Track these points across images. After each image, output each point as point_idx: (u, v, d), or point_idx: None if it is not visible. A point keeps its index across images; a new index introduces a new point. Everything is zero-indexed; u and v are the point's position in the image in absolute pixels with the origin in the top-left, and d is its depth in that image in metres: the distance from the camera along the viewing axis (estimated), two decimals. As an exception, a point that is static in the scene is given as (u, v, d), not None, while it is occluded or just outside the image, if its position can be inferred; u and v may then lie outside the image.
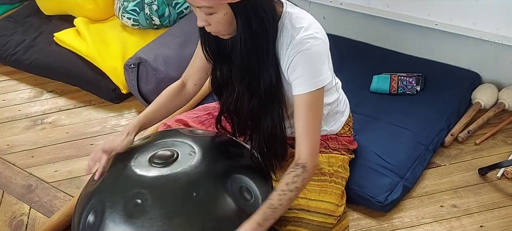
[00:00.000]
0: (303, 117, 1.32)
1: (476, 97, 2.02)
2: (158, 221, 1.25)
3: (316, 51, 1.31)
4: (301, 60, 1.29)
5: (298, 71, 1.30)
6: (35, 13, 2.81)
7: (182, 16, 2.48)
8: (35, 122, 2.21)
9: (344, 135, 1.66)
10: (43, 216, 1.76)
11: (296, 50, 1.29)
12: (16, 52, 2.53)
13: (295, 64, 1.30)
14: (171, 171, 1.33)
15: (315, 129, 1.34)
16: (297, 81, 1.32)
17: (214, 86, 1.49)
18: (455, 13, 2.05)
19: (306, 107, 1.32)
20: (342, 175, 1.58)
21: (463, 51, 2.13)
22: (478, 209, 1.65)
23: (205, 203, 1.28)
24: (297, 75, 1.31)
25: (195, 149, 1.40)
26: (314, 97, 1.32)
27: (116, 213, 1.28)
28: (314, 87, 1.31)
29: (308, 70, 1.30)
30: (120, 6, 2.46)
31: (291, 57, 1.30)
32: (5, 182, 1.91)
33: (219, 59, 1.42)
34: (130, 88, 2.21)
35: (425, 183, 1.75)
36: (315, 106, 1.33)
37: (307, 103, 1.32)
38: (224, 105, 1.49)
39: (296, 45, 1.29)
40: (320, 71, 1.32)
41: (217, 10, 1.23)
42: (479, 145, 1.88)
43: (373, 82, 2.07)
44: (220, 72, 1.44)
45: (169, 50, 2.21)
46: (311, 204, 1.46)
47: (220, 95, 1.50)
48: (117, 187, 1.34)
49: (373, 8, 2.22)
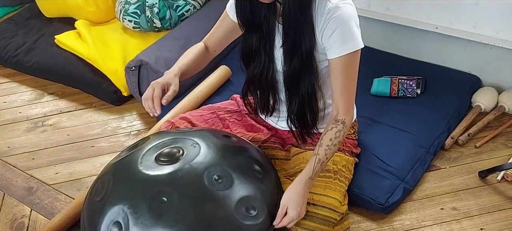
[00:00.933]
0: (341, 78, 1.40)
1: (476, 100, 2.03)
2: (190, 212, 1.28)
3: (350, 16, 1.36)
4: (337, 25, 1.34)
5: (334, 36, 1.35)
6: (36, 15, 2.82)
7: (183, 19, 2.49)
8: (36, 124, 2.22)
9: (349, 137, 1.68)
10: (44, 218, 1.76)
11: (331, 15, 1.34)
12: (17, 55, 2.53)
13: (330, 28, 1.35)
14: (184, 164, 1.36)
15: (352, 89, 1.43)
16: (334, 44, 1.37)
17: (243, 55, 1.54)
18: (455, 17, 2.05)
19: (344, 69, 1.39)
20: (346, 175, 1.59)
21: (463, 55, 2.13)
22: (478, 211, 1.65)
23: (227, 184, 1.34)
24: (334, 40, 1.36)
25: (196, 141, 1.43)
26: (351, 59, 1.38)
27: (143, 217, 1.28)
28: (350, 49, 1.36)
29: (344, 35, 1.35)
30: (121, 8, 2.46)
31: (326, 21, 1.35)
32: (6, 184, 1.91)
33: (252, 28, 1.46)
34: (131, 90, 2.21)
35: (426, 186, 1.75)
36: (352, 67, 1.40)
37: (344, 65, 1.38)
38: (251, 75, 1.54)
39: (332, 10, 1.34)
40: (355, 34, 1.37)
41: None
42: (479, 148, 1.88)
43: (374, 85, 2.08)
44: (251, 42, 1.48)
45: (170, 52, 2.21)
46: (316, 197, 1.49)
47: (248, 65, 1.55)
48: (134, 192, 1.34)
49: (373, 11, 2.22)
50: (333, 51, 1.37)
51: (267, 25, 1.44)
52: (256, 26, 1.45)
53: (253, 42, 1.48)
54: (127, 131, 2.13)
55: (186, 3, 2.48)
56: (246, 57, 1.54)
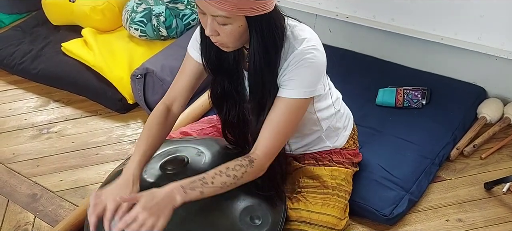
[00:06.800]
0: (278, 117, 1.30)
1: (482, 111, 2.02)
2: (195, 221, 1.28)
3: (317, 63, 1.31)
4: (301, 68, 1.29)
5: (292, 76, 1.29)
6: (43, 23, 2.83)
7: (189, 28, 2.50)
8: (41, 131, 2.22)
9: (349, 148, 1.66)
10: (47, 225, 1.76)
11: (297, 59, 1.29)
12: (23, 62, 2.54)
13: (291, 72, 1.29)
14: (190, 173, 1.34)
15: (283, 135, 1.32)
16: (288, 84, 1.30)
17: (214, 99, 1.46)
18: (460, 28, 2.05)
19: (286, 111, 1.30)
20: (346, 189, 1.57)
21: (468, 66, 2.13)
22: (483, 223, 1.64)
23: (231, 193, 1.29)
24: (290, 79, 1.29)
25: (200, 149, 1.43)
26: (297, 104, 1.31)
27: None
28: (303, 95, 1.30)
29: (303, 78, 1.30)
30: (128, 17, 2.48)
31: (291, 66, 1.30)
32: (10, 191, 1.91)
33: (220, 72, 1.40)
34: (136, 98, 2.22)
35: (431, 197, 1.74)
36: (294, 114, 1.32)
37: (288, 107, 1.30)
38: (226, 118, 1.47)
39: (298, 55, 1.29)
40: (315, 82, 1.32)
41: (233, 21, 1.22)
42: (484, 159, 1.87)
43: (379, 95, 2.08)
44: (221, 86, 1.41)
45: (175, 61, 2.21)
46: (313, 216, 1.46)
47: (221, 109, 1.47)
48: None
49: (379, 22, 2.23)
50: (285, 91, 1.30)
51: (236, 69, 1.37)
52: (224, 70, 1.38)
53: (224, 86, 1.40)
54: (132, 139, 2.13)
55: (192, 12, 2.50)
56: (218, 101, 1.45)
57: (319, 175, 1.56)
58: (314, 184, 1.55)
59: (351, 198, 1.60)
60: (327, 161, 1.60)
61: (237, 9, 1.19)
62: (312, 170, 1.57)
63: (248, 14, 1.21)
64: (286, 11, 1.36)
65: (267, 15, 1.24)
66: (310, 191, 1.53)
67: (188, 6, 2.50)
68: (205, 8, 1.22)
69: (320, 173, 1.56)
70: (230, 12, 1.19)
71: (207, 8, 1.21)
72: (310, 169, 1.57)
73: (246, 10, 1.20)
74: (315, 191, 1.52)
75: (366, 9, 2.23)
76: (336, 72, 1.60)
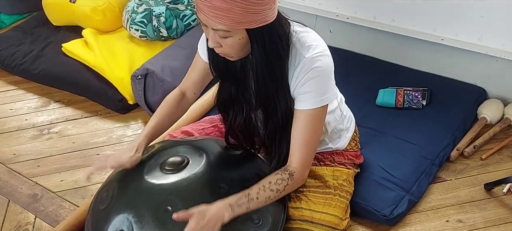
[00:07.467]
0: (303, 130, 1.33)
1: (482, 112, 2.02)
2: None
3: (326, 69, 1.32)
4: (312, 77, 1.30)
5: (306, 87, 1.31)
6: (43, 23, 2.83)
7: (189, 28, 2.50)
8: (41, 131, 2.22)
9: (351, 150, 1.67)
10: (48, 225, 1.76)
11: (307, 68, 1.29)
12: (24, 62, 2.55)
13: (304, 80, 1.30)
14: (190, 173, 1.36)
15: (312, 143, 1.35)
16: (304, 96, 1.32)
17: (221, 105, 1.47)
18: (461, 29, 2.05)
19: (308, 121, 1.33)
20: (347, 189, 1.58)
21: (469, 66, 2.13)
22: (483, 224, 1.64)
23: (231, 193, 1.31)
24: (305, 91, 1.31)
25: (201, 150, 1.42)
26: (317, 113, 1.33)
27: (147, 226, 1.29)
28: (320, 104, 1.32)
29: (317, 87, 1.31)
30: (128, 17, 2.48)
31: (302, 75, 1.30)
32: (10, 191, 1.91)
33: (227, 78, 1.40)
34: (136, 99, 2.22)
35: (431, 198, 1.74)
36: (317, 122, 1.34)
37: (310, 118, 1.33)
38: (232, 124, 1.46)
39: (307, 63, 1.29)
40: (328, 88, 1.33)
41: (233, 34, 1.22)
42: (485, 160, 1.87)
43: (379, 96, 2.08)
44: (228, 91, 1.42)
45: (176, 61, 2.22)
46: (315, 215, 1.46)
47: (226, 114, 1.47)
48: (139, 201, 1.35)
49: (379, 22, 2.23)
50: (302, 103, 1.32)
51: (243, 74, 1.37)
52: (231, 77, 1.38)
53: (231, 91, 1.41)
54: (132, 139, 2.13)
55: (192, 13, 2.50)
56: (224, 106, 1.46)
57: (321, 175, 1.57)
58: (316, 183, 1.55)
59: (351, 199, 1.60)
60: (329, 161, 1.60)
61: (237, 23, 1.19)
62: (314, 170, 1.57)
63: (248, 27, 1.21)
64: (286, 11, 1.36)
65: (269, 26, 1.24)
66: (312, 190, 1.53)
67: (188, 7, 2.50)
68: (206, 22, 1.23)
69: (322, 173, 1.57)
70: (230, 26, 1.20)
71: (207, 21, 1.22)
72: (312, 168, 1.57)
73: (245, 23, 1.20)
74: (317, 191, 1.53)
75: (367, 9, 2.23)
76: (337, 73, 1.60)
